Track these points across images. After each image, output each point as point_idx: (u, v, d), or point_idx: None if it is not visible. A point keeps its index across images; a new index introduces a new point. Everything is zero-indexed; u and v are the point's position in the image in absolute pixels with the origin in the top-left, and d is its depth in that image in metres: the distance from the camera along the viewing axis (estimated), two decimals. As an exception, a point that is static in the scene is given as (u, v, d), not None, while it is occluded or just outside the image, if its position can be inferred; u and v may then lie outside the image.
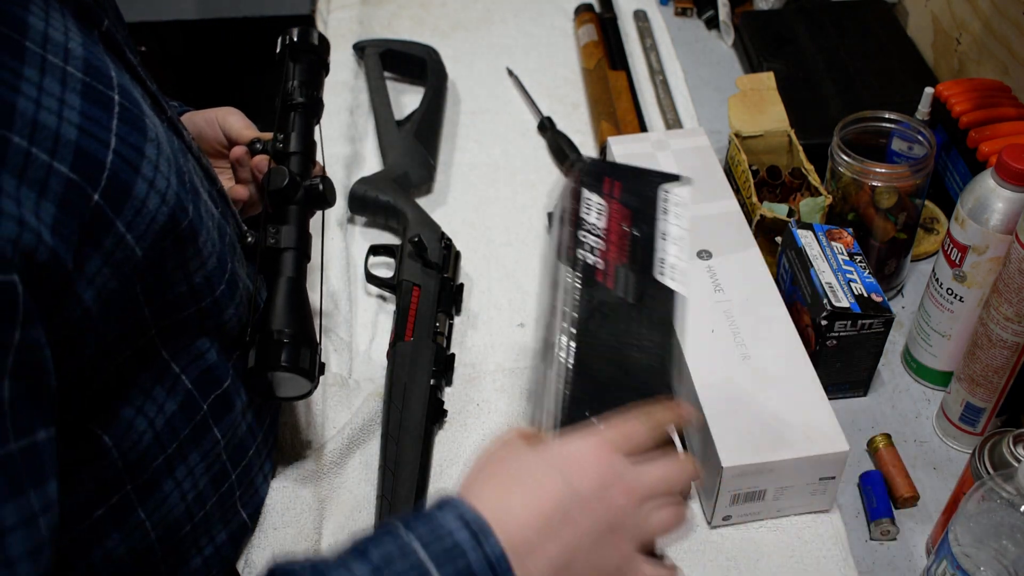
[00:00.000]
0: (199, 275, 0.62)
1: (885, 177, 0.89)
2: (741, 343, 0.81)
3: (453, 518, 0.52)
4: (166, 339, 0.62)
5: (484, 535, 0.51)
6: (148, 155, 0.54)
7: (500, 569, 0.51)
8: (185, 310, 0.63)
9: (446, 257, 0.97)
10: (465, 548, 0.51)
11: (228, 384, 0.68)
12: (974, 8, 1.10)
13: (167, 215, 0.56)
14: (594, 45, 1.26)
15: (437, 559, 0.50)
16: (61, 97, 0.49)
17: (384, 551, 0.50)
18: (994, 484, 0.62)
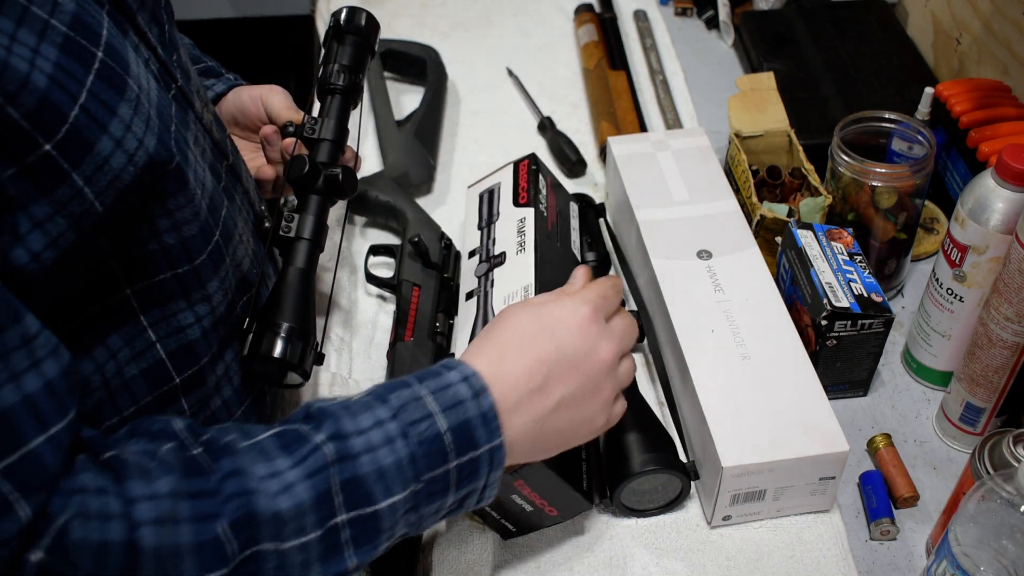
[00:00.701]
0: (171, 236, 0.62)
1: (885, 177, 0.89)
2: (741, 343, 0.81)
3: (457, 375, 0.62)
4: (145, 303, 0.63)
5: (482, 393, 0.61)
6: (120, 114, 0.55)
7: (490, 421, 0.61)
8: (160, 272, 0.63)
9: (446, 257, 0.97)
10: (465, 400, 0.60)
11: (205, 361, 0.69)
12: (974, 8, 1.10)
13: (133, 174, 0.56)
14: (594, 45, 1.26)
15: (443, 407, 0.60)
16: (36, 48, 0.51)
17: (401, 397, 0.59)
18: (994, 484, 0.62)
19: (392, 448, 0.57)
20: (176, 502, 0.51)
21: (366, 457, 0.56)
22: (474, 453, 0.60)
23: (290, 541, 0.54)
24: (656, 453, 0.76)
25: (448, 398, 0.60)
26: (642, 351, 0.93)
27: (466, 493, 0.62)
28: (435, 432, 0.59)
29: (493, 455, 0.61)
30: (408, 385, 0.61)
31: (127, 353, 0.63)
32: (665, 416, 0.86)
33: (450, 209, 1.09)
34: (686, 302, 0.84)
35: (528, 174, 0.95)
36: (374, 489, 0.56)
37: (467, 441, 0.60)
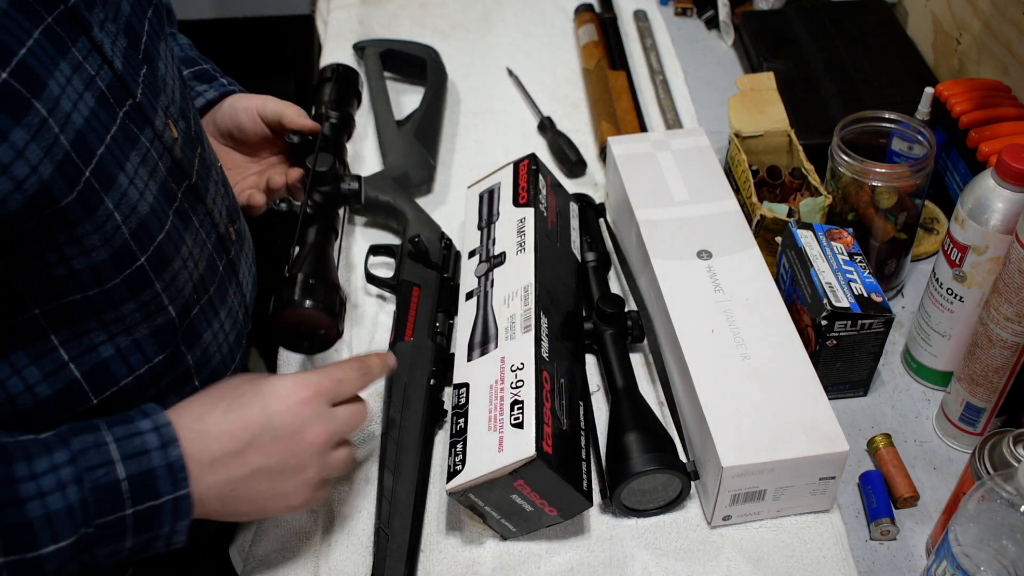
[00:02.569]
0: (80, 262, 0.61)
1: (885, 177, 0.89)
2: (741, 343, 0.81)
3: (149, 424, 0.61)
4: (55, 323, 0.62)
5: (170, 444, 0.61)
6: (12, 139, 0.53)
7: (176, 472, 0.60)
8: (69, 295, 0.62)
9: (446, 257, 0.97)
10: (150, 450, 0.60)
11: (127, 383, 0.68)
12: (974, 8, 1.10)
13: (21, 202, 0.55)
14: (594, 45, 1.26)
15: (126, 455, 0.59)
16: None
17: (83, 442, 0.59)
18: (994, 484, 0.62)
19: (63, 494, 0.57)
20: None
21: (36, 502, 0.56)
22: (154, 502, 0.60)
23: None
24: (656, 453, 0.76)
25: (133, 446, 0.60)
26: (642, 351, 0.93)
27: (148, 538, 0.62)
28: (112, 480, 0.58)
29: (178, 505, 0.61)
30: (95, 429, 0.60)
31: (35, 372, 0.62)
32: (665, 416, 0.86)
33: (450, 209, 1.09)
34: (686, 302, 0.84)
35: (528, 174, 0.96)
36: (40, 535, 0.56)
37: (147, 490, 0.60)
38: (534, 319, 0.81)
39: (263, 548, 0.77)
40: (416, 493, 0.77)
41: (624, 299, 0.90)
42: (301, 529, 0.78)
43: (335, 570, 0.76)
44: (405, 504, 0.76)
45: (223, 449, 0.63)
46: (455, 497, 0.74)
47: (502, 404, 0.75)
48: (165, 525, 0.62)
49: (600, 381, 0.90)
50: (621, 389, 0.83)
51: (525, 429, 0.72)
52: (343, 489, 0.82)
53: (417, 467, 0.79)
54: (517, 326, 0.81)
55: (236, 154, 0.93)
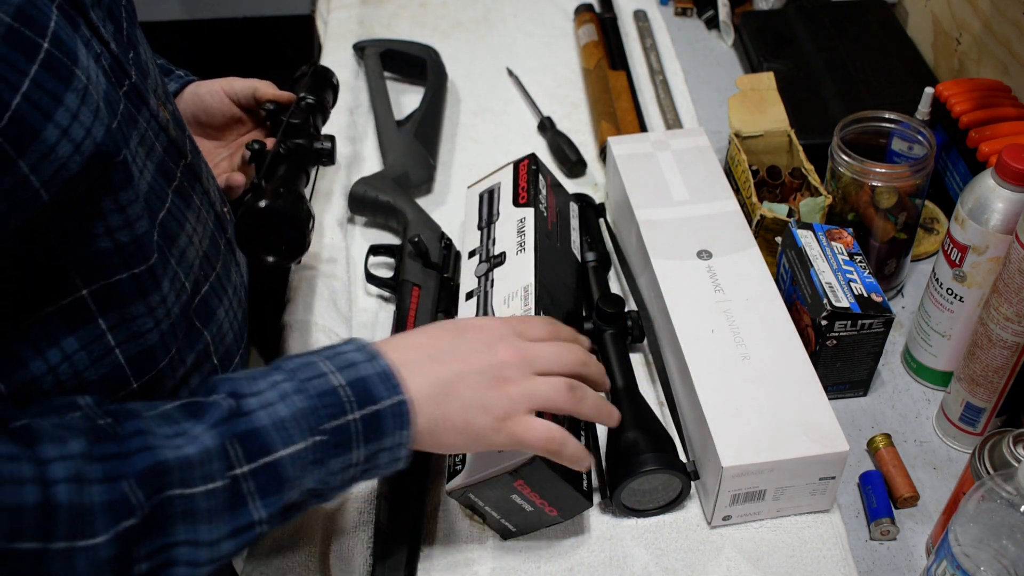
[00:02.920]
0: (124, 234, 0.62)
1: (885, 177, 0.89)
2: (741, 343, 0.81)
3: (350, 346, 0.64)
4: (103, 307, 0.63)
5: (375, 356, 0.63)
6: (67, 103, 0.55)
7: (388, 378, 0.62)
8: (116, 273, 0.63)
9: (446, 257, 0.97)
10: (358, 362, 0.63)
11: (163, 365, 0.69)
12: (974, 8, 1.10)
13: (80, 164, 0.56)
14: (594, 45, 1.26)
15: (337, 367, 0.62)
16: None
17: (294, 363, 0.62)
18: (994, 484, 0.62)
19: (288, 402, 0.59)
20: (86, 464, 0.52)
21: (263, 412, 0.58)
22: (374, 407, 0.61)
23: (197, 487, 0.55)
24: (656, 453, 0.76)
25: (342, 360, 0.62)
26: (642, 351, 0.93)
27: (375, 451, 0.62)
28: (330, 386, 0.61)
29: (397, 410, 0.62)
30: (302, 356, 0.63)
31: (84, 357, 0.63)
32: (665, 416, 0.86)
33: (450, 209, 1.09)
34: (686, 302, 0.84)
35: (528, 174, 0.96)
36: (273, 438, 0.58)
37: (366, 395, 0.61)
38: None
39: (263, 548, 0.77)
40: (416, 493, 0.77)
41: (624, 299, 0.90)
42: (301, 529, 0.78)
43: (335, 570, 0.76)
44: (405, 504, 0.76)
45: (424, 355, 0.65)
46: (455, 496, 0.74)
47: None
48: (388, 433, 0.62)
49: (600, 381, 0.90)
50: (621, 389, 0.83)
51: None
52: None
53: (417, 467, 0.79)
54: None
55: (204, 141, 0.93)
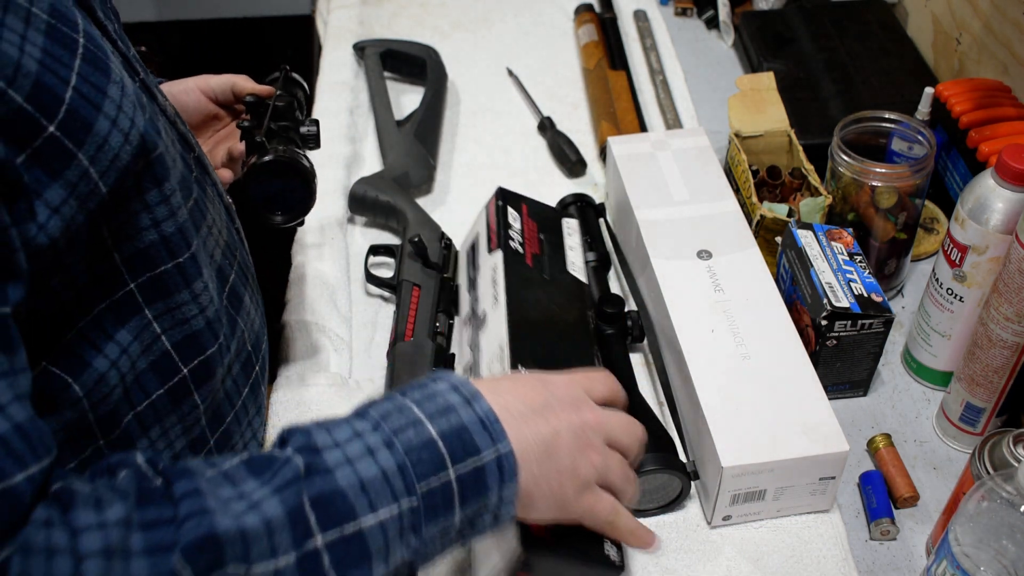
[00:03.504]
0: (170, 224, 0.63)
1: (885, 177, 0.89)
2: (741, 343, 0.81)
3: (446, 386, 0.57)
4: (150, 297, 0.63)
5: (474, 398, 0.56)
6: (111, 95, 0.56)
7: (490, 424, 0.55)
8: (162, 263, 0.63)
9: (446, 257, 0.97)
10: (456, 407, 0.55)
11: (212, 351, 0.69)
12: (974, 8, 1.10)
13: (131, 154, 0.57)
14: (594, 45, 1.26)
15: (431, 415, 0.54)
16: (23, 34, 0.51)
17: (382, 410, 0.55)
18: (994, 484, 0.62)
19: (374, 460, 0.51)
20: (127, 532, 0.45)
21: (343, 470, 0.51)
22: (477, 460, 0.54)
23: (260, 563, 0.47)
24: (656, 453, 0.76)
25: (437, 405, 0.55)
26: (642, 351, 0.93)
27: (476, 511, 0.55)
28: (424, 438, 0.53)
29: (502, 463, 0.55)
30: (390, 398, 0.56)
31: (136, 347, 0.63)
32: (665, 416, 0.86)
33: (450, 209, 1.09)
34: (686, 302, 0.84)
35: (496, 212, 0.91)
36: (356, 503, 0.50)
37: (465, 447, 0.54)
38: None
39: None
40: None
41: (624, 299, 0.90)
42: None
43: (335, 570, 0.76)
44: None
45: (526, 406, 0.58)
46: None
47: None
48: (491, 490, 0.54)
49: (600, 381, 0.89)
50: (621, 389, 0.83)
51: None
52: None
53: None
54: None
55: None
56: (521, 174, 1.14)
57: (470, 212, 1.08)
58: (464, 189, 1.12)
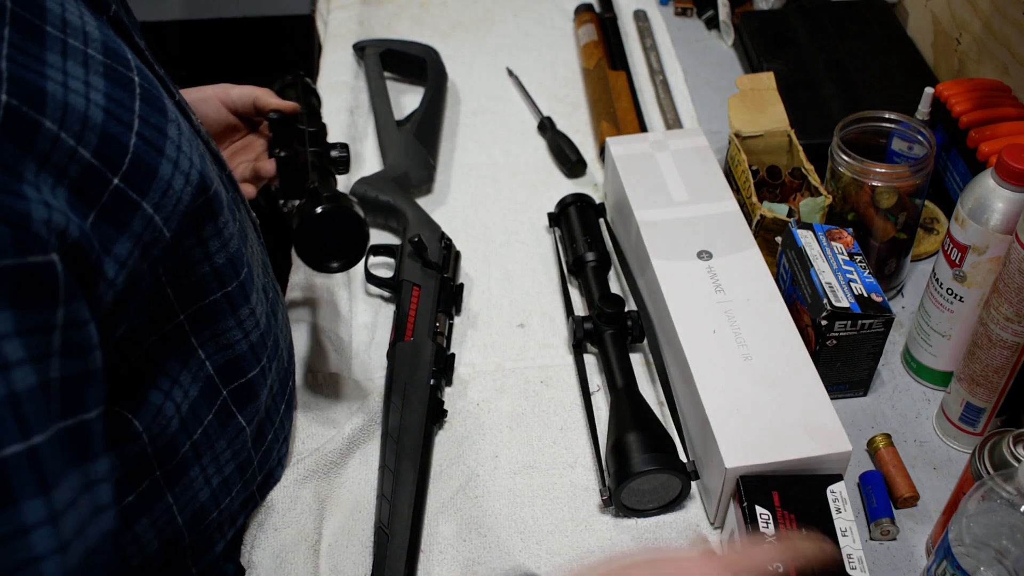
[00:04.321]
0: (222, 256, 0.62)
1: (885, 177, 0.89)
2: (742, 343, 0.81)
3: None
4: (196, 327, 0.63)
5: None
6: (171, 135, 0.55)
7: None
8: (211, 294, 0.63)
9: (446, 257, 0.97)
10: None
11: (254, 374, 0.69)
12: (974, 8, 1.10)
13: (191, 195, 0.56)
14: (594, 45, 1.26)
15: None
16: (86, 80, 0.49)
17: None
18: (994, 484, 0.62)
19: None
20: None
21: None
22: None
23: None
24: (656, 453, 0.76)
25: None
26: (642, 351, 0.93)
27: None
28: None
29: None
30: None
31: (187, 377, 0.63)
32: (665, 416, 0.86)
33: (450, 209, 1.09)
34: (687, 303, 0.84)
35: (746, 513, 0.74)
36: None
37: None
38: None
39: (264, 548, 0.77)
40: (416, 493, 0.77)
41: (624, 299, 0.90)
42: (302, 529, 0.78)
43: (335, 570, 0.76)
44: (405, 504, 0.76)
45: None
46: None
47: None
48: None
49: (600, 381, 0.90)
50: (621, 389, 0.83)
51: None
52: (343, 490, 0.82)
53: (417, 467, 0.79)
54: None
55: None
56: (521, 174, 1.14)
57: (470, 212, 1.09)
58: (464, 189, 1.12)
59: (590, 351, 0.92)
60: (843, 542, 0.69)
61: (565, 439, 0.85)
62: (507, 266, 1.02)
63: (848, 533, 0.70)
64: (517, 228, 1.07)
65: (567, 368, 0.92)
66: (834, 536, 0.70)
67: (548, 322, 0.96)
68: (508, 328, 0.96)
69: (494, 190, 1.12)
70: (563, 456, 0.84)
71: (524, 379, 0.91)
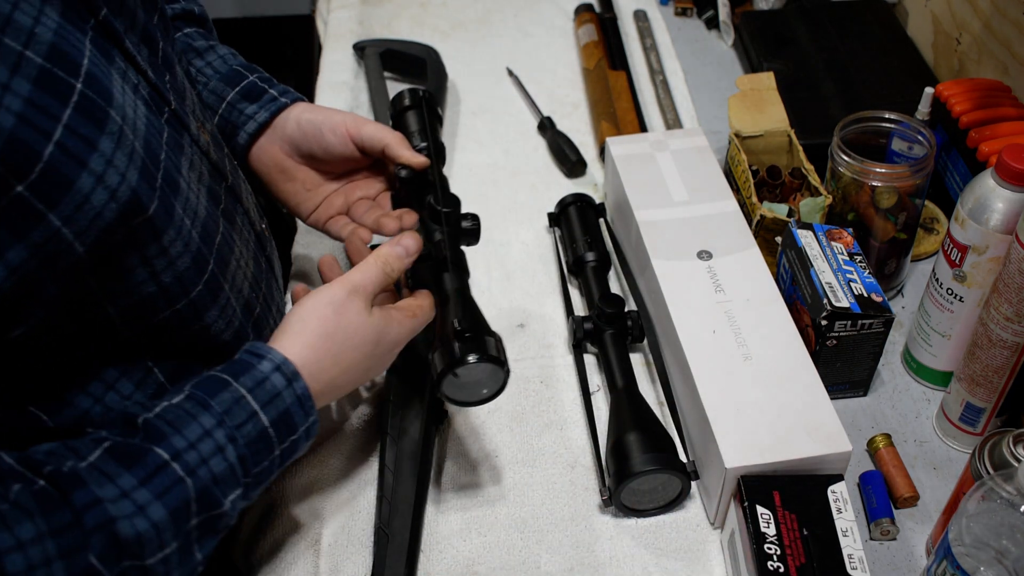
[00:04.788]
0: (168, 275, 0.62)
1: (885, 177, 0.89)
2: (743, 343, 0.81)
3: (270, 368, 0.64)
4: (147, 345, 0.63)
5: (294, 378, 0.64)
6: (101, 148, 0.53)
7: (305, 402, 0.65)
8: (159, 312, 0.63)
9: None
10: (281, 391, 0.64)
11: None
12: (974, 8, 1.10)
13: (116, 212, 0.55)
14: (594, 45, 1.26)
15: (263, 404, 0.63)
16: (5, 84, 0.48)
17: (223, 402, 0.61)
18: (994, 484, 0.62)
19: (223, 455, 0.60)
20: (43, 544, 0.51)
21: (203, 468, 0.59)
22: (294, 436, 0.65)
23: (152, 557, 0.56)
24: (656, 453, 0.76)
25: (267, 392, 0.63)
26: (642, 351, 0.93)
27: (285, 465, 0.67)
28: (259, 429, 0.62)
29: (310, 430, 0.66)
30: (226, 384, 0.62)
31: (128, 386, 0.64)
32: (665, 416, 0.86)
33: (450, 209, 1.09)
34: (687, 303, 0.84)
35: (748, 514, 0.74)
36: (215, 494, 0.60)
37: (288, 428, 0.64)
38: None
39: (264, 548, 0.77)
40: (416, 493, 0.77)
41: (624, 299, 0.90)
42: (302, 529, 0.78)
43: (335, 570, 0.76)
44: (405, 504, 0.76)
45: (324, 351, 0.67)
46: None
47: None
48: (300, 450, 0.67)
49: (600, 381, 0.90)
50: (621, 389, 0.83)
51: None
52: (343, 490, 0.82)
53: (417, 467, 0.79)
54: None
55: (312, 172, 0.87)
56: (521, 174, 1.14)
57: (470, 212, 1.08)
58: (464, 189, 1.12)
59: (590, 351, 0.92)
60: (843, 542, 0.69)
61: (565, 439, 0.85)
62: (507, 266, 1.02)
63: (849, 533, 0.70)
64: (517, 228, 1.07)
65: (567, 368, 0.92)
66: (835, 536, 0.70)
67: (548, 322, 0.96)
68: (508, 328, 0.96)
69: (494, 190, 1.12)
70: (563, 456, 0.84)
71: (524, 379, 0.91)
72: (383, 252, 0.72)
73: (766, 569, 0.67)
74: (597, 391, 0.89)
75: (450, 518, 0.80)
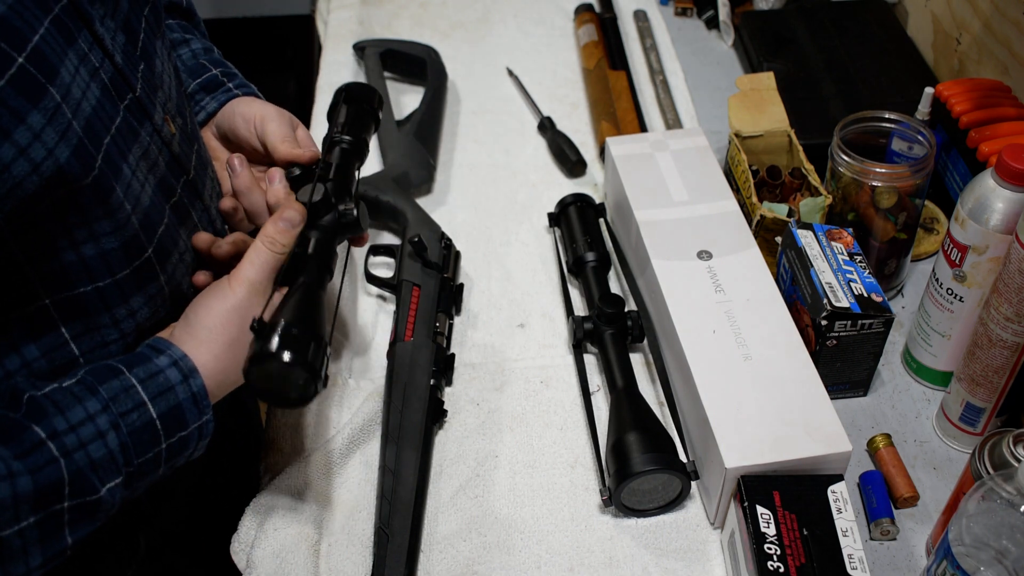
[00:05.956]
0: (90, 248, 0.63)
1: (885, 177, 0.89)
2: (743, 343, 0.81)
3: (167, 362, 0.64)
4: (66, 316, 0.63)
5: (191, 375, 0.65)
6: (30, 122, 0.55)
7: (201, 400, 0.65)
8: (80, 285, 0.63)
9: (446, 257, 0.97)
10: (175, 386, 0.64)
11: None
12: (974, 8, 1.10)
13: (37, 184, 0.56)
14: (594, 45, 1.26)
15: (153, 396, 0.63)
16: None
17: (111, 389, 0.61)
18: (994, 484, 0.62)
19: (104, 440, 0.60)
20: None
21: (79, 453, 0.59)
22: (183, 432, 0.65)
23: (8, 529, 0.56)
24: (656, 453, 0.76)
25: (158, 384, 0.63)
26: (642, 351, 0.93)
27: (175, 463, 0.66)
28: (145, 420, 0.62)
29: (202, 428, 0.66)
30: (119, 373, 0.62)
31: (44, 365, 0.64)
32: (665, 416, 0.86)
33: (450, 209, 1.09)
34: (687, 303, 0.84)
35: (748, 513, 0.73)
36: (91, 479, 0.59)
37: (177, 423, 0.64)
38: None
39: (264, 548, 0.77)
40: (416, 493, 0.77)
41: (624, 299, 0.90)
42: (302, 529, 0.78)
43: (335, 570, 0.76)
44: (405, 504, 0.76)
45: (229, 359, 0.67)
46: None
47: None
48: (191, 447, 0.66)
49: (600, 381, 0.90)
50: (621, 389, 0.83)
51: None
52: (343, 490, 0.82)
53: (417, 467, 0.79)
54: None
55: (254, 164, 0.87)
56: (521, 174, 1.14)
57: (470, 212, 1.09)
58: (464, 189, 1.12)
59: (590, 351, 0.92)
60: (843, 542, 0.69)
61: (565, 439, 0.85)
62: (507, 266, 1.02)
63: (849, 533, 0.70)
64: (517, 228, 1.07)
65: (567, 368, 0.92)
66: (835, 536, 0.70)
67: (548, 322, 0.96)
68: (508, 328, 0.96)
69: (494, 190, 1.12)
70: (563, 456, 0.84)
71: (524, 379, 0.91)
72: (268, 233, 0.69)
73: (766, 569, 0.67)
74: (597, 391, 0.89)
75: (450, 518, 0.80)
